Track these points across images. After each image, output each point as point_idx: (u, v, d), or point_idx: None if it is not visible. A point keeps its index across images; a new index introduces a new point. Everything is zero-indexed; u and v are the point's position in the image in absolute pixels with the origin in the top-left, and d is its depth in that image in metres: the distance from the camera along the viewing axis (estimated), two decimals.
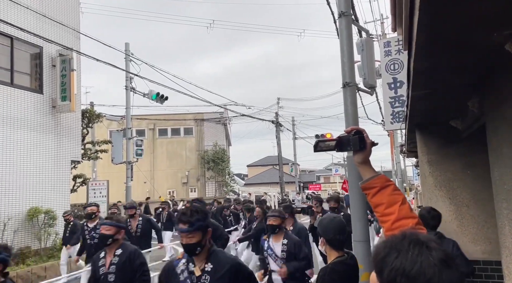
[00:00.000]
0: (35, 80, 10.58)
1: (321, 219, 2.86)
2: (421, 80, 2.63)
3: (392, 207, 1.37)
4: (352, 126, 4.56)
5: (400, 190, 1.44)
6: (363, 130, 1.48)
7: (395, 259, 0.88)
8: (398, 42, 9.55)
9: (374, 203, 1.43)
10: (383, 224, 1.40)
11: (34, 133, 10.14)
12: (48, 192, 10.36)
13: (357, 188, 5.14)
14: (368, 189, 1.45)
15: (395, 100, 9.45)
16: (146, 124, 26.03)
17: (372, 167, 1.50)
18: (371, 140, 1.47)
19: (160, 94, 13.80)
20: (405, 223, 1.33)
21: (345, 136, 1.48)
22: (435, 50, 2.07)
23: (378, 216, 1.43)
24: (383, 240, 0.99)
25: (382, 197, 1.41)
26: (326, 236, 2.71)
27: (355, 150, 1.47)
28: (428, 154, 4.52)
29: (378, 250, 0.95)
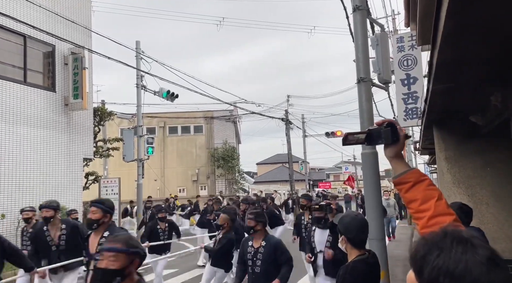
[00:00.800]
0: (48, 78, 10.66)
1: (342, 216, 2.80)
2: (444, 73, 2.55)
3: (427, 203, 1.31)
4: (367, 122, 4.43)
5: (435, 185, 1.37)
6: (396, 122, 1.41)
7: (436, 258, 0.83)
8: (411, 38, 9.38)
9: (408, 199, 1.37)
10: (418, 221, 1.33)
11: (47, 131, 10.22)
12: (61, 190, 10.45)
13: (372, 185, 5.06)
14: (401, 184, 1.39)
15: (409, 96, 9.30)
16: (156, 122, 26.13)
17: (405, 161, 1.44)
18: (404, 132, 1.40)
19: (171, 92, 13.81)
20: (442, 220, 1.27)
21: (376, 128, 1.41)
22: (463, 40, 2.00)
23: (412, 212, 1.36)
24: (422, 237, 0.93)
25: (416, 193, 1.34)
26: (348, 234, 2.65)
27: (387, 144, 1.40)
28: (446, 151, 4.42)
29: (418, 248, 0.89)
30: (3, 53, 9.45)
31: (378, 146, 5.30)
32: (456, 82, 2.78)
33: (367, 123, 5.03)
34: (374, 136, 1.40)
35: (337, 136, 25.55)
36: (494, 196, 4.12)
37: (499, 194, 4.05)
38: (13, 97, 9.49)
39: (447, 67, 2.42)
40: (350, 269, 2.60)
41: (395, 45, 9.46)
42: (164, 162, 26.21)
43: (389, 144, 1.40)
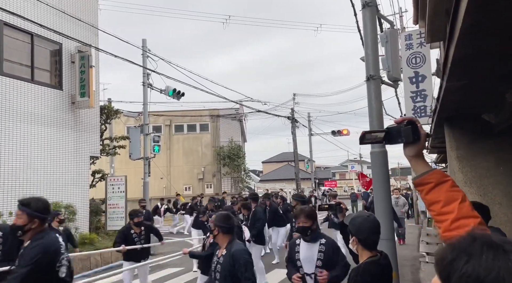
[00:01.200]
0: (55, 77, 10.69)
1: (354, 217, 2.72)
2: (460, 70, 2.48)
3: (450, 205, 1.25)
4: (376, 120, 4.35)
5: (458, 186, 1.31)
6: (417, 120, 1.35)
7: (465, 264, 0.77)
8: (420, 35, 9.27)
9: (429, 201, 1.31)
10: (440, 224, 1.27)
11: (54, 129, 10.25)
12: (68, 187, 10.48)
13: (381, 184, 4.99)
14: (422, 185, 1.32)
15: (417, 94, 9.19)
16: (162, 120, 26.18)
17: (426, 161, 1.38)
18: (425, 131, 1.34)
19: (177, 90, 13.79)
20: (465, 223, 1.20)
21: (395, 127, 1.36)
22: (481, 36, 1.93)
23: (434, 215, 1.30)
24: (449, 243, 0.87)
25: (438, 194, 1.28)
26: (360, 235, 2.59)
27: (407, 142, 1.34)
28: (457, 149, 4.34)
29: (444, 253, 0.83)
30: (11, 51, 9.48)
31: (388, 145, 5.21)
32: (471, 79, 2.71)
33: (377, 122, 4.96)
34: (393, 134, 1.35)
35: (343, 135, 25.42)
36: (507, 196, 4.03)
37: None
38: (21, 95, 9.52)
39: (462, 63, 2.34)
40: (362, 270, 2.54)
41: (403, 42, 9.34)
42: (170, 160, 26.26)
43: (409, 143, 1.34)
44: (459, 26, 1.85)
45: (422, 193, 1.33)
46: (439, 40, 9.46)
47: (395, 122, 1.38)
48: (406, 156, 1.40)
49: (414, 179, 1.37)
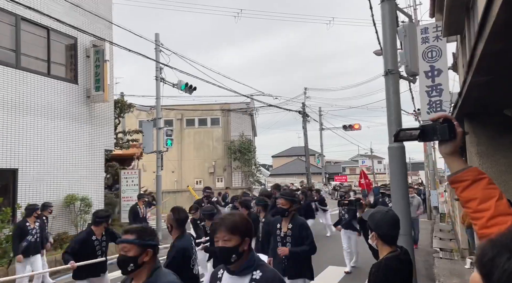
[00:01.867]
0: (70, 71, 10.81)
1: (373, 212, 2.72)
2: (487, 65, 2.45)
3: (487, 203, 1.25)
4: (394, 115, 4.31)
5: (495, 184, 1.31)
6: (453, 118, 1.35)
7: (507, 261, 0.77)
8: (436, 28, 9.14)
9: (465, 198, 1.31)
10: (476, 221, 1.27)
11: (70, 123, 10.39)
12: (83, 180, 10.64)
13: (398, 179, 4.97)
14: (458, 183, 1.33)
15: (432, 89, 9.07)
16: (174, 114, 26.31)
17: (462, 158, 1.38)
18: (462, 129, 1.34)
19: (189, 85, 13.83)
20: (502, 220, 1.20)
21: (430, 124, 1.36)
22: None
23: (470, 212, 1.30)
24: (489, 239, 0.88)
25: (475, 192, 1.28)
26: (379, 230, 2.59)
27: (443, 140, 1.35)
28: (478, 145, 4.29)
29: (485, 250, 0.84)
30: (27, 45, 9.61)
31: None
32: (497, 74, 2.68)
33: (395, 117, 4.93)
34: (429, 132, 1.35)
35: (354, 129, 25.27)
36: None
37: None
38: (38, 89, 9.66)
39: (490, 58, 2.32)
40: (383, 266, 2.54)
41: (419, 36, 9.21)
42: (182, 154, 26.43)
43: (445, 140, 1.34)
44: (491, 22, 1.83)
45: (458, 190, 1.33)
46: (456, 34, 9.32)
47: (430, 119, 1.38)
48: (441, 153, 1.40)
49: (449, 177, 1.38)
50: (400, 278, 2.56)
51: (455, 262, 8.64)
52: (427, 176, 20.06)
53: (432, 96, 9.00)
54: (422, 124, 1.41)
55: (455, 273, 7.57)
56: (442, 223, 15.62)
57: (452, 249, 9.88)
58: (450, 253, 9.49)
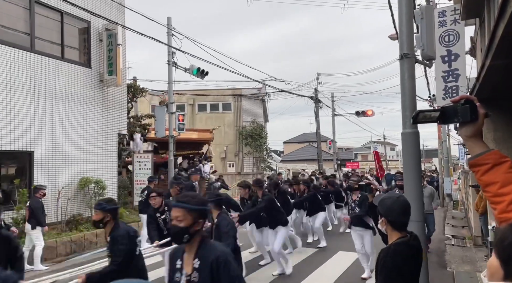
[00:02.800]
0: (84, 55, 10.87)
1: (383, 198, 2.70)
2: (507, 48, 2.37)
3: (508, 187, 1.22)
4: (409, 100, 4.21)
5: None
6: (475, 98, 1.31)
7: None
8: (454, 12, 8.87)
9: (485, 182, 1.28)
10: (496, 206, 1.25)
11: (83, 106, 10.51)
12: (97, 163, 10.81)
13: (412, 166, 4.91)
14: (479, 166, 1.30)
15: (449, 74, 8.87)
16: (186, 99, 26.36)
17: (483, 141, 1.34)
18: (484, 110, 1.30)
19: (201, 69, 13.80)
20: None
21: (451, 106, 1.32)
22: None
23: (490, 196, 1.28)
24: (509, 224, 0.86)
25: (495, 175, 1.25)
26: (389, 216, 2.58)
27: (464, 122, 1.31)
28: (495, 131, 4.21)
29: (504, 235, 0.82)
30: (41, 29, 9.66)
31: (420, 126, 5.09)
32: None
33: (409, 102, 4.84)
34: (449, 114, 1.32)
35: (367, 115, 24.96)
36: None
37: None
38: (52, 72, 9.75)
39: (511, 41, 2.24)
40: (392, 251, 2.53)
41: (436, 19, 8.97)
42: None
43: (466, 122, 1.31)
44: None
45: (478, 174, 1.31)
46: (476, 17, 9.04)
47: (451, 101, 1.35)
48: (462, 136, 1.37)
49: (470, 160, 1.35)
50: (408, 263, 2.55)
51: (467, 249, 8.59)
52: (441, 163, 19.82)
53: (448, 82, 8.80)
54: (443, 106, 1.37)
55: (466, 260, 7.53)
56: (455, 210, 15.51)
57: (465, 236, 9.82)
58: (463, 241, 9.43)
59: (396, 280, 2.46)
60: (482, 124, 1.32)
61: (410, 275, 2.53)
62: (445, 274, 6.75)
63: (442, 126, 18.66)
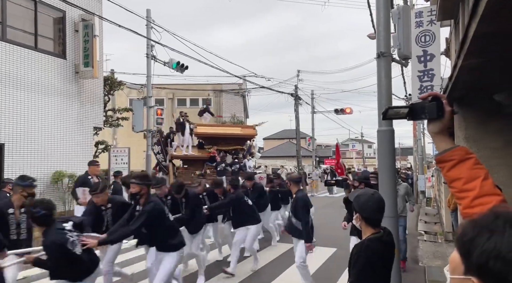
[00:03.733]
0: (58, 45, 10.55)
1: (358, 194, 2.74)
2: (478, 48, 2.43)
3: (472, 183, 1.24)
4: (385, 98, 4.29)
5: (482, 164, 1.30)
6: (442, 96, 1.33)
7: (487, 241, 0.77)
8: (430, 13, 9.06)
9: (451, 178, 1.30)
10: (460, 201, 1.27)
11: (57, 98, 10.21)
12: (71, 157, 10.55)
13: (386, 163, 5.00)
14: (444, 162, 1.31)
15: (424, 74, 9.07)
16: (165, 93, 26.04)
17: (450, 138, 1.36)
18: (451, 107, 1.32)
19: (181, 63, 13.63)
20: (487, 201, 1.20)
21: (419, 103, 1.34)
22: (507, 11, 1.88)
23: (455, 192, 1.30)
24: (470, 219, 0.87)
25: (460, 171, 1.27)
26: (364, 213, 2.61)
27: (431, 119, 1.33)
28: (466, 130, 4.32)
29: (465, 230, 0.84)
30: (14, 17, 9.32)
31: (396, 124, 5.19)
32: (489, 58, 2.66)
33: (386, 100, 4.91)
34: (417, 110, 1.33)
35: (346, 113, 25.30)
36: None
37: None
38: (24, 62, 9.43)
39: (483, 40, 2.29)
40: (365, 247, 2.56)
41: (413, 20, 9.14)
42: None
43: (433, 119, 1.33)
44: (484, 1, 1.80)
45: (444, 169, 1.32)
46: (451, 18, 9.26)
47: (419, 97, 1.36)
48: (429, 132, 1.39)
49: (437, 156, 1.37)
50: (381, 259, 2.59)
51: (439, 245, 8.84)
52: (416, 161, 20.31)
53: (423, 81, 9.00)
54: (412, 102, 1.39)
55: (438, 255, 7.76)
56: (428, 207, 15.93)
57: (437, 232, 10.11)
58: (435, 236, 9.70)
59: (369, 275, 2.50)
60: (449, 121, 1.34)
61: (382, 270, 2.57)
62: (417, 269, 6.93)
63: (417, 125, 19.10)
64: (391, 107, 1.39)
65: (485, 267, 0.76)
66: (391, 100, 5.05)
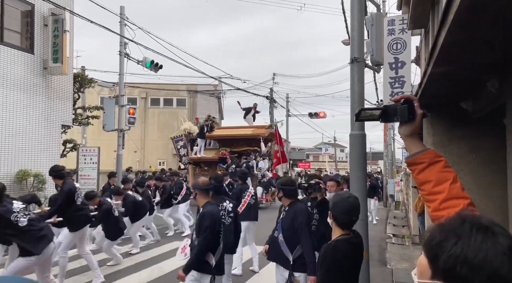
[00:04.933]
0: (26, 40, 10.15)
1: (335, 194, 2.80)
2: (446, 56, 2.50)
3: (441, 185, 1.26)
4: (358, 103, 4.37)
5: (451, 167, 1.32)
6: (414, 98, 1.34)
7: (454, 245, 0.78)
8: (402, 21, 9.31)
9: (421, 180, 1.31)
10: (429, 204, 1.28)
11: (24, 94, 9.80)
12: (37, 156, 10.14)
13: (358, 167, 5.08)
14: (415, 165, 1.33)
15: (395, 80, 9.31)
16: (138, 92, 25.55)
17: (420, 141, 1.38)
18: (422, 110, 1.34)
19: (155, 62, 13.41)
20: (455, 203, 1.22)
21: (392, 105, 1.35)
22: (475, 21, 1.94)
23: (425, 194, 1.31)
24: (438, 224, 0.88)
25: (430, 174, 1.29)
26: (336, 213, 2.64)
27: (403, 121, 1.34)
28: (434, 136, 4.46)
29: (433, 234, 0.84)
30: None
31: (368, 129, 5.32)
32: (457, 66, 2.75)
33: (358, 105, 4.99)
34: (390, 113, 1.34)
35: (320, 117, 25.64)
36: (476, 183, 4.20)
37: (482, 180, 4.12)
38: None
39: (452, 49, 2.36)
40: (332, 248, 2.58)
41: (386, 28, 9.37)
42: (145, 134, 25.84)
43: (404, 121, 1.34)
44: (454, 8, 1.85)
45: (414, 172, 1.34)
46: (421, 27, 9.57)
47: (392, 100, 1.37)
48: (400, 135, 1.40)
49: (407, 158, 1.38)
50: (349, 260, 2.61)
51: (406, 247, 9.07)
52: (386, 165, 20.80)
53: (394, 88, 9.23)
54: (385, 105, 1.40)
55: (405, 258, 7.95)
56: (397, 211, 16.34)
57: (404, 235, 10.36)
58: (402, 239, 9.94)
59: (334, 276, 2.51)
60: (420, 124, 1.36)
61: (348, 271, 2.60)
62: (385, 271, 7.08)
63: (387, 129, 19.59)
64: (364, 108, 1.39)
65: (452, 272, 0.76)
66: (363, 105, 5.15)
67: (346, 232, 2.65)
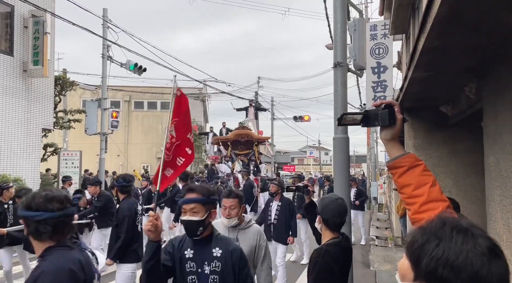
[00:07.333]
0: (5, 41, 9.93)
1: (323, 197, 2.81)
2: (426, 61, 2.56)
3: (421, 189, 1.29)
4: (341, 107, 4.43)
5: (430, 170, 1.35)
6: (396, 103, 1.37)
7: (435, 248, 0.79)
8: (384, 26, 9.48)
9: (401, 184, 1.34)
10: (410, 207, 1.31)
11: (3, 97, 9.58)
12: (17, 160, 9.90)
13: (342, 170, 5.13)
14: (395, 168, 1.35)
15: (378, 85, 9.44)
16: (121, 95, 25.26)
17: (400, 145, 1.40)
18: (402, 115, 1.37)
19: (138, 65, 13.28)
20: (434, 206, 1.25)
21: (373, 110, 1.37)
22: (453, 28, 1.99)
23: (405, 197, 1.34)
24: (420, 226, 0.90)
25: (410, 178, 1.32)
26: (324, 216, 2.66)
27: (383, 126, 1.37)
28: (414, 139, 4.55)
29: (415, 237, 0.85)
30: None
31: (352, 132, 5.35)
32: (436, 71, 2.82)
33: (341, 108, 5.05)
34: (371, 117, 1.36)
35: (304, 121, 25.79)
36: (456, 185, 4.29)
37: (462, 183, 4.22)
38: None
39: (431, 54, 2.42)
40: (324, 252, 2.60)
41: (368, 32, 9.51)
42: (128, 138, 25.53)
43: (385, 126, 1.37)
44: (433, 16, 1.90)
45: (395, 176, 1.36)
46: (402, 33, 9.76)
47: (374, 105, 1.40)
48: (382, 139, 1.42)
49: (388, 162, 1.40)
50: (339, 264, 2.63)
51: (389, 249, 9.19)
52: (369, 168, 21.06)
53: (377, 92, 9.36)
54: (366, 109, 1.42)
55: (388, 260, 8.05)
56: (380, 213, 16.55)
57: (387, 237, 10.50)
58: (385, 241, 10.07)
59: (327, 280, 2.53)
60: (400, 129, 1.39)
61: (339, 275, 2.61)
62: (368, 273, 7.15)
63: (371, 133, 19.85)
64: (346, 113, 1.41)
65: (434, 274, 0.77)
66: (346, 109, 5.20)
67: (335, 235, 2.67)
